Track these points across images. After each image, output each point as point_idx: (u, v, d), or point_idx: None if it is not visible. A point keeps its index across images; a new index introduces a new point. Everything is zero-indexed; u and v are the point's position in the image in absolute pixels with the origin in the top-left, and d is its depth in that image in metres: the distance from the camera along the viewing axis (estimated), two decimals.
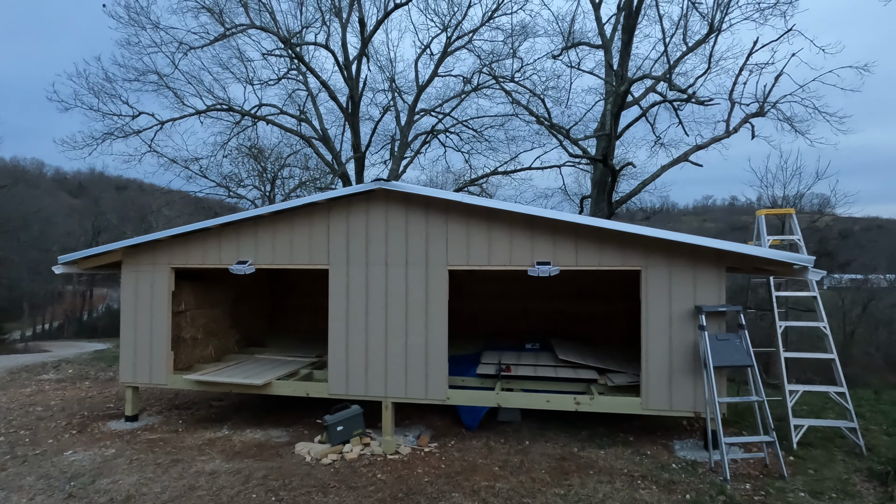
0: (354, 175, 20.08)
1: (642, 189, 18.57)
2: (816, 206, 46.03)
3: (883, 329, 29.82)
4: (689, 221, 75.91)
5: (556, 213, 5.80)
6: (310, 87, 19.44)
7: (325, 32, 18.94)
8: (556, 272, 5.73)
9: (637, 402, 5.68)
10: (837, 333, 26.42)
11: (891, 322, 30.46)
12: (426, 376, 6.04)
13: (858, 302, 29.11)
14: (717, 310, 5.41)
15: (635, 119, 18.89)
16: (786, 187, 25.00)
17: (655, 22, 21.26)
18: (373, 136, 20.74)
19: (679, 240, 5.50)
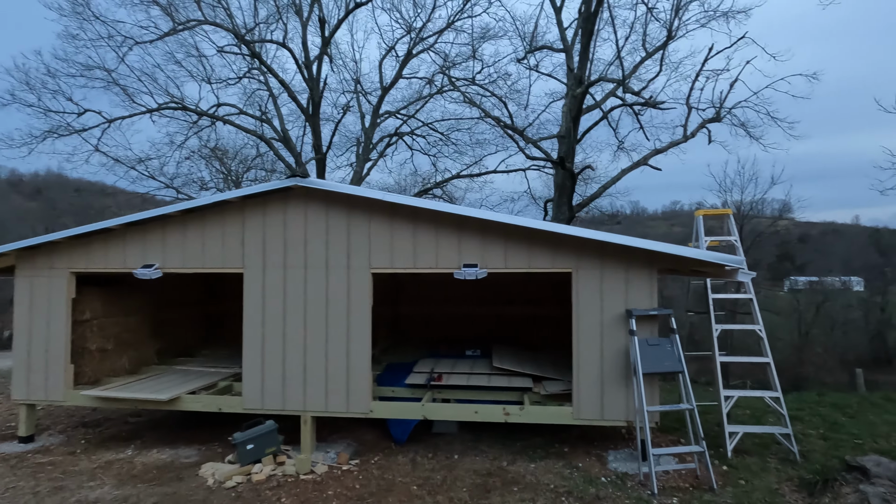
0: (316, 177, 19.52)
1: (603, 192, 18.57)
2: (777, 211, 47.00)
3: (838, 329, 30.78)
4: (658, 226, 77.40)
5: (484, 213, 5.49)
6: (271, 87, 18.81)
7: (281, 30, 18.35)
8: (484, 275, 5.41)
9: (568, 411, 5.39)
10: (793, 335, 27.08)
11: (846, 322, 31.46)
12: (347, 388, 5.63)
13: (814, 304, 29.93)
14: (648, 313, 5.17)
15: (595, 123, 18.91)
16: (743, 192, 25.63)
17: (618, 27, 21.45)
18: (333, 137, 20.19)
19: (610, 240, 5.25)
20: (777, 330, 29.49)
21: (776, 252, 43.45)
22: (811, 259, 47.36)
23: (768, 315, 30.32)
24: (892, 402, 7.81)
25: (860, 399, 8.21)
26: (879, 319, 31.65)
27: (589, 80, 15.53)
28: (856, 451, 5.61)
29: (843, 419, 6.86)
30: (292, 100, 18.44)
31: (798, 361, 23.53)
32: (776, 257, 43.52)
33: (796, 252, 51.82)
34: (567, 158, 16.26)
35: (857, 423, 6.67)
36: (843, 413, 7.16)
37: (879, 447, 5.70)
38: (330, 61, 20.41)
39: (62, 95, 16.40)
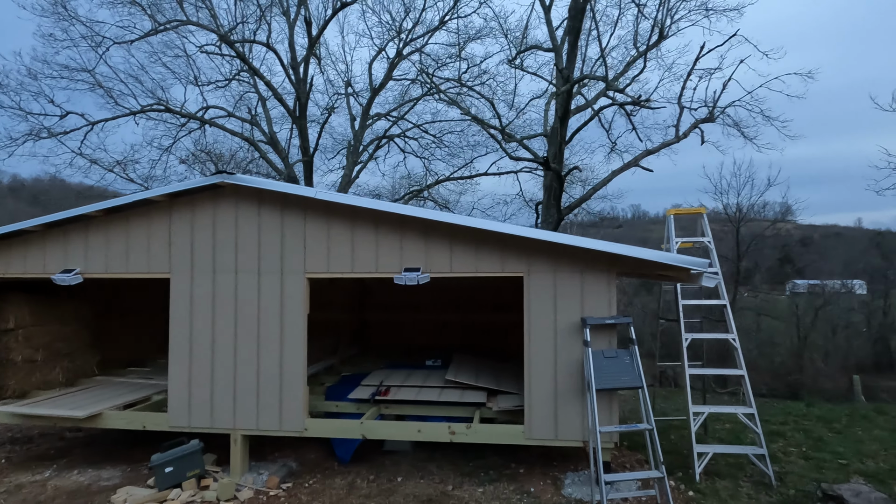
0: (304, 179, 19.11)
1: (593, 194, 18.10)
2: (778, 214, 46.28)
3: (840, 334, 30.12)
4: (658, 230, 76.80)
5: (426, 212, 5.03)
6: (259, 89, 18.42)
7: (264, 31, 17.98)
8: (427, 280, 4.94)
9: (520, 430, 4.90)
10: (792, 340, 26.43)
11: (848, 326, 30.78)
12: (281, 404, 5.15)
13: (814, 308, 29.29)
14: (604, 322, 4.69)
15: (584, 123, 18.45)
16: (739, 194, 25.06)
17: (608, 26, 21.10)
18: (319, 139, 19.65)
19: (564, 242, 4.77)
20: (776, 335, 28.90)
21: (777, 255, 42.85)
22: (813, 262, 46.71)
23: (767, 320, 29.85)
24: (883, 415, 7.28)
25: (850, 411, 7.69)
26: (882, 323, 30.99)
27: (573, 79, 15.06)
28: (838, 473, 5.11)
29: (828, 435, 6.34)
30: (279, 102, 18.07)
31: (797, 367, 22.90)
32: (777, 260, 42.90)
33: (798, 255, 51.15)
34: (555, 159, 15.80)
35: (843, 439, 6.16)
36: (829, 428, 6.64)
37: (865, 469, 5.19)
38: (318, 62, 20.05)
39: (44, 97, 16.03)
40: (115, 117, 17.22)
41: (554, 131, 15.91)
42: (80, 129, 16.60)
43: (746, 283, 34.45)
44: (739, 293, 32.29)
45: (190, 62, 17.70)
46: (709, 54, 15.72)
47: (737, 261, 24.76)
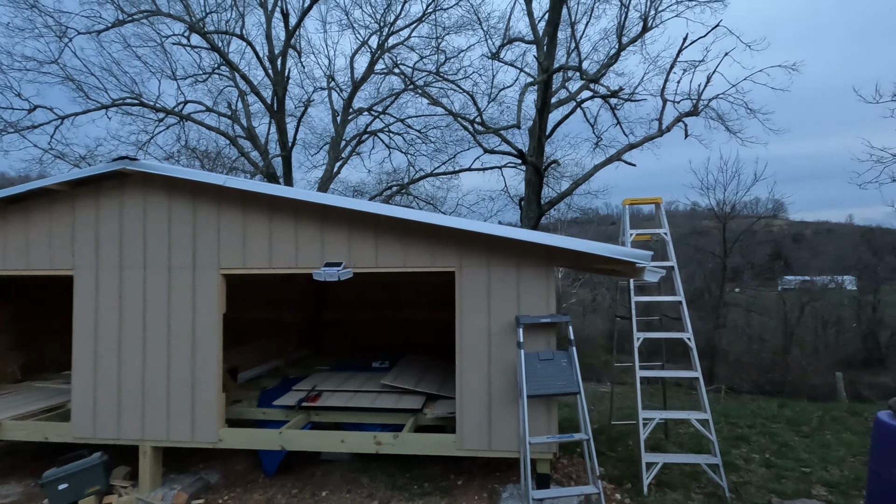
0: (283, 175, 18.61)
1: (575, 189, 17.73)
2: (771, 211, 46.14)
3: (830, 329, 29.90)
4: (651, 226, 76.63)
5: (350, 201, 4.58)
6: (239, 83, 17.87)
7: (235, 20, 17.43)
8: (349, 275, 4.50)
9: (451, 439, 4.47)
10: (779, 336, 26.15)
11: (837, 322, 30.57)
12: (193, 413, 4.70)
13: (802, 304, 29.05)
14: (539, 321, 4.26)
15: (566, 116, 18.02)
16: (726, 189, 24.73)
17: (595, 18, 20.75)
18: (297, 133, 19.05)
19: (497, 233, 4.35)
20: (766, 331, 28.63)
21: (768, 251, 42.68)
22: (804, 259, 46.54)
23: (758, 316, 29.55)
24: (856, 416, 6.91)
25: (824, 411, 7.31)
26: (871, 319, 30.80)
27: (551, 69, 14.62)
28: (799, 483, 4.71)
29: (795, 440, 5.95)
30: (256, 96, 17.55)
31: (783, 364, 22.61)
32: (768, 257, 42.74)
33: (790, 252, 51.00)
34: (535, 153, 15.38)
35: (810, 444, 5.77)
36: (797, 432, 6.25)
37: (828, 478, 4.80)
38: (298, 56, 19.54)
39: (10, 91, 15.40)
40: (85, 111, 16.60)
41: (534, 124, 15.47)
42: (49, 123, 16.01)
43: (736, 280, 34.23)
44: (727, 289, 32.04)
45: (167, 56, 17.13)
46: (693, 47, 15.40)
47: (723, 257, 24.46)
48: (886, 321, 30.56)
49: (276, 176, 18.55)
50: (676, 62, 16.61)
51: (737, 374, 23.20)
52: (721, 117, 16.85)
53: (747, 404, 9.13)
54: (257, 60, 17.54)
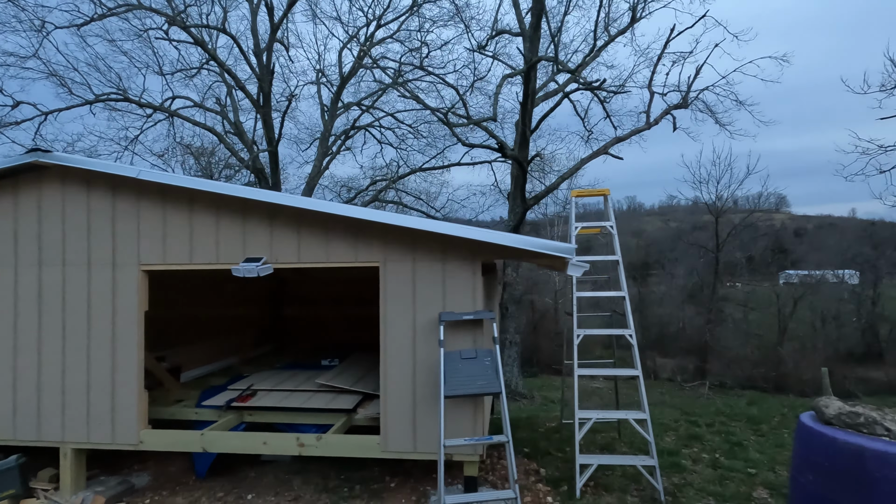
0: (270, 171, 18.45)
1: (561, 183, 17.50)
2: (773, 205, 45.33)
3: (829, 323, 29.58)
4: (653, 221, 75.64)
5: (270, 195, 4.40)
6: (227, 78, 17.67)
7: (218, 15, 17.22)
8: (269, 271, 4.34)
9: (376, 441, 4.31)
10: (773, 331, 25.86)
11: (837, 316, 30.24)
12: (113, 413, 4.56)
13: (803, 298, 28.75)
14: (462, 318, 4.09)
15: (551, 108, 17.75)
16: (719, 182, 24.41)
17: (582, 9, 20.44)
18: (282, 128, 18.75)
19: (422, 227, 4.17)
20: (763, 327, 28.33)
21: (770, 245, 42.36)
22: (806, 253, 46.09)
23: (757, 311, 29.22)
24: None
25: (789, 407, 7.10)
26: (871, 313, 30.47)
27: (532, 60, 14.37)
28: (742, 485, 4.53)
29: (751, 439, 5.76)
30: (241, 91, 17.36)
31: (776, 359, 22.35)
32: (770, 251, 42.38)
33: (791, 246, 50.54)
34: (519, 147, 15.16)
35: (764, 443, 5.58)
36: (755, 430, 6.06)
37: (773, 480, 4.61)
38: (286, 50, 19.34)
39: None
40: (69, 107, 16.46)
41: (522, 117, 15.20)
42: (31, 119, 15.88)
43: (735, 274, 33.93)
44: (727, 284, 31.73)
45: (155, 52, 16.94)
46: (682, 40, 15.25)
47: (716, 251, 24.18)
48: (887, 315, 30.23)
49: (263, 171, 18.41)
50: (664, 53, 16.34)
51: (729, 369, 22.99)
52: (710, 109, 16.59)
53: (733, 400, 8.94)
54: (241, 54, 17.31)
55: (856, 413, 3.00)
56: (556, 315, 32.57)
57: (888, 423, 2.91)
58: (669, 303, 34.27)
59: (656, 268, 45.06)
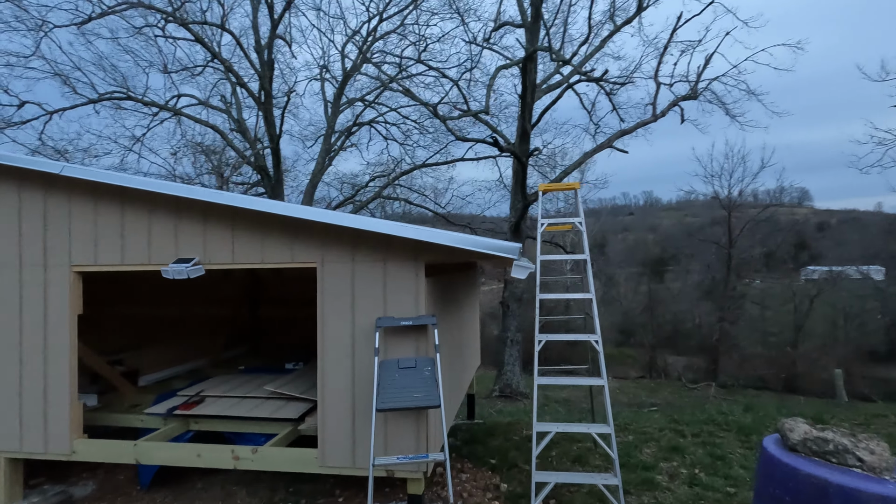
0: (272, 168, 18.35)
1: (563, 178, 17.06)
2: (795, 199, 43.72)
3: (854, 320, 28.48)
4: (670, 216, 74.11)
5: (204, 192, 4.11)
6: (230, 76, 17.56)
7: (213, 11, 17.08)
8: (200, 272, 4.06)
9: (314, 455, 4.01)
10: (789, 329, 24.93)
11: (861, 313, 29.11)
12: (46, 421, 4.35)
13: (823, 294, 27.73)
14: (400, 324, 3.75)
15: (553, 101, 17.23)
16: (731, 176, 23.56)
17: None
18: (282, 124, 18.58)
19: (362, 226, 3.84)
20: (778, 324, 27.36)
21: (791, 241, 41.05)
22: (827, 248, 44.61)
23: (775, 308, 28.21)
24: (821, 422, 6.19)
25: (790, 414, 6.58)
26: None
27: (528, 51, 13.91)
28: None
29: (737, 452, 5.32)
30: (243, 87, 17.24)
31: (791, 358, 21.49)
32: (792, 246, 41.07)
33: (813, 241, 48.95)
34: (519, 141, 14.73)
35: (751, 456, 5.13)
36: (743, 442, 5.61)
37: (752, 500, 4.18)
38: (289, 46, 19.21)
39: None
40: (73, 106, 16.53)
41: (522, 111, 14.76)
42: (37, 118, 15.97)
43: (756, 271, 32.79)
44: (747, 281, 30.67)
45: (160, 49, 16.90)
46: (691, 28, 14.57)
47: (728, 247, 23.37)
48: None
49: (265, 168, 18.31)
50: (671, 42, 15.74)
51: (742, 369, 22.22)
52: (721, 100, 15.94)
53: (732, 406, 8.43)
54: (241, 51, 17.14)
55: (824, 439, 2.59)
56: (568, 312, 31.97)
57: (861, 451, 2.49)
58: (684, 300, 33.43)
59: (672, 264, 44.12)
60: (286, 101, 19.13)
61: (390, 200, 22.02)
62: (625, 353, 29.93)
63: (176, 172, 19.11)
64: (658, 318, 30.71)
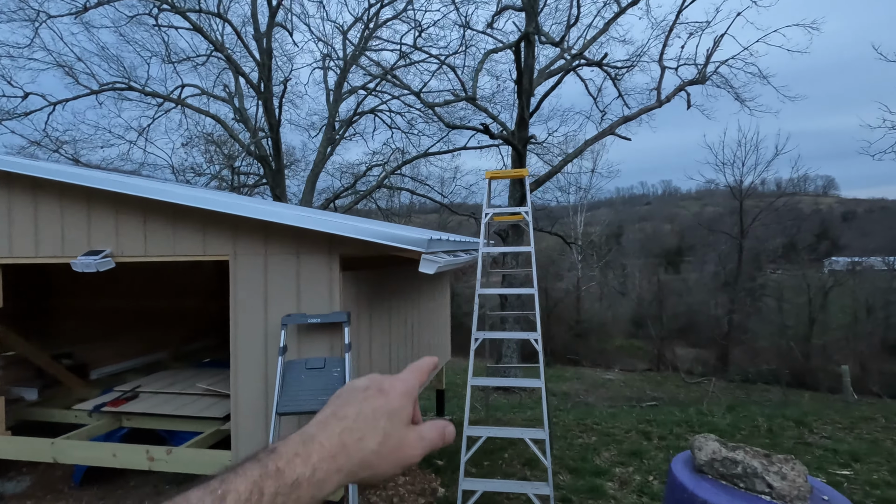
0: (273, 157, 18.29)
1: (563, 167, 16.64)
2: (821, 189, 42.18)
3: (878, 313, 27.37)
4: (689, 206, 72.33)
5: (116, 182, 3.91)
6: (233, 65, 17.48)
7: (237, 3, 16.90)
8: (109, 265, 3.87)
9: (227, 458, 3.82)
10: (804, 323, 24.05)
11: (886, 306, 27.96)
12: None
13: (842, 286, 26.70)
14: (308, 321, 3.51)
15: (552, 87, 16.67)
16: (744, 164, 22.64)
17: None
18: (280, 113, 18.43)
19: (271, 219, 3.59)
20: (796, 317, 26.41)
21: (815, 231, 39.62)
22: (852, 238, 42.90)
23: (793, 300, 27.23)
24: (803, 426, 5.80)
25: (767, 417, 6.20)
26: None
27: (522, 35, 13.42)
28: None
29: None
30: (242, 77, 17.15)
31: (803, 353, 20.72)
32: (815, 237, 39.63)
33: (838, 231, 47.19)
34: (517, 129, 14.31)
35: None
36: None
37: None
38: (290, 34, 19.05)
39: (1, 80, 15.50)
40: (75, 97, 16.62)
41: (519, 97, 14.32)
42: (41, 109, 16.10)
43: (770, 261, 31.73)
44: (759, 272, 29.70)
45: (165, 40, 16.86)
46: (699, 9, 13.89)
47: (740, 237, 22.55)
48: None
49: (267, 158, 18.23)
50: (677, 23, 15.06)
51: (753, 362, 21.52)
52: (729, 84, 15.23)
53: (713, 405, 8.06)
54: (239, 39, 16.98)
55: (733, 460, 2.26)
56: (579, 304, 31.48)
57: (771, 476, 2.17)
58: (700, 291, 32.58)
59: (689, 254, 43.07)
60: (283, 89, 18.92)
61: (392, 190, 21.77)
62: (634, 346, 29.35)
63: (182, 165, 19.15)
64: (671, 309, 30.02)
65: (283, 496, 0.42)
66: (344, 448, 0.47)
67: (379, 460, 0.49)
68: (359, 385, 0.54)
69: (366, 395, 0.52)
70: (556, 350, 26.92)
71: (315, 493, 0.44)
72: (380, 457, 0.49)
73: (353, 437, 0.48)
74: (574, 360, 25.57)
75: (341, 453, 0.47)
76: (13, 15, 15.30)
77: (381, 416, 0.50)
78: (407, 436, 0.51)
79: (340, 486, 0.46)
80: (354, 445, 0.48)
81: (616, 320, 33.61)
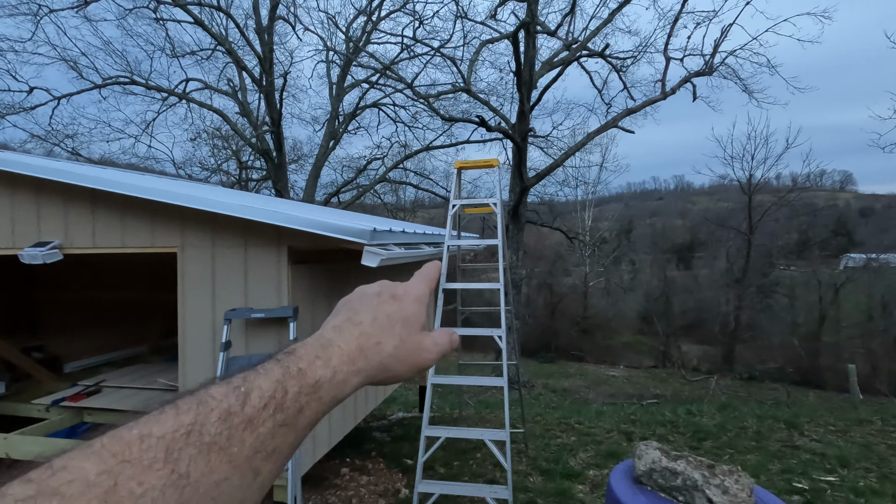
0: (275, 151, 18.25)
1: (564, 160, 16.34)
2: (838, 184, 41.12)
3: (891, 312, 26.67)
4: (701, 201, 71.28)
5: (66, 172, 3.79)
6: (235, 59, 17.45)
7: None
8: (57, 257, 3.77)
9: None
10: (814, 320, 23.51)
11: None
12: None
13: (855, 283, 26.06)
14: (252, 316, 3.36)
15: (553, 79, 16.35)
16: (753, 158, 22.07)
17: None
18: (281, 107, 18.36)
19: (217, 210, 3.45)
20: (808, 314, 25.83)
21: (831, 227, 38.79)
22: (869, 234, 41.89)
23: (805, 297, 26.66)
24: (794, 428, 5.55)
25: (757, 418, 5.95)
26: None
27: (519, 25, 13.13)
28: None
29: None
30: (244, 70, 17.08)
31: (813, 351, 20.23)
32: (831, 232, 38.75)
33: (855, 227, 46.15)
34: (518, 121, 14.06)
35: None
36: (693, 448, 5.03)
37: None
38: (293, 27, 18.95)
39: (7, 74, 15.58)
40: (79, 91, 16.67)
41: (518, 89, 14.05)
42: (45, 103, 16.17)
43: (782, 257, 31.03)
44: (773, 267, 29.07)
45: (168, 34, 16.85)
46: None
47: (748, 233, 22.04)
48: None
49: (268, 151, 18.18)
50: (683, 13, 14.66)
51: (760, 359, 21.08)
52: (737, 75, 14.80)
53: (702, 406, 7.81)
54: (240, 32, 16.88)
55: (673, 471, 2.07)
56: (586, 299, 31.13)
57: (712, 490, 1.98)
58: (709, 287, 32.04)
59: (700, 250, 42.41)
60: (283, 82, 18.82)
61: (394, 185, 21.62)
62: (641, 342, 28.96)
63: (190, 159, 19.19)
64: (679, 306, 29.56)
65: (307, 395, 0.42)
66: (362, 352, 0.48)
67: (396, 363, 0.50)
68: (370, 291, 0.54)
69: (380, 301, 0.52)
70: (560, 346, 26.67)
71: (336, 393, 0.45)
72: (397, 360, 0.50)
73: (371, 341, 0.49)
74: (579, 356, 25.35)
75: (359, 357, 0.47)
76: (14, 9, 15.32)
77: (396, 321, 0.51)
78: (422, 341, 0.52)
79: (360, 388, 0.47)
80: (372, 349, 0.49)
81: (623, 316, 33.23)
